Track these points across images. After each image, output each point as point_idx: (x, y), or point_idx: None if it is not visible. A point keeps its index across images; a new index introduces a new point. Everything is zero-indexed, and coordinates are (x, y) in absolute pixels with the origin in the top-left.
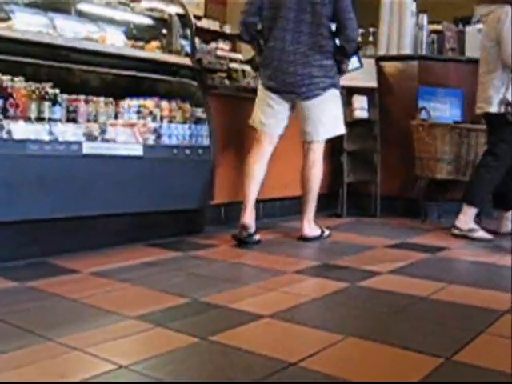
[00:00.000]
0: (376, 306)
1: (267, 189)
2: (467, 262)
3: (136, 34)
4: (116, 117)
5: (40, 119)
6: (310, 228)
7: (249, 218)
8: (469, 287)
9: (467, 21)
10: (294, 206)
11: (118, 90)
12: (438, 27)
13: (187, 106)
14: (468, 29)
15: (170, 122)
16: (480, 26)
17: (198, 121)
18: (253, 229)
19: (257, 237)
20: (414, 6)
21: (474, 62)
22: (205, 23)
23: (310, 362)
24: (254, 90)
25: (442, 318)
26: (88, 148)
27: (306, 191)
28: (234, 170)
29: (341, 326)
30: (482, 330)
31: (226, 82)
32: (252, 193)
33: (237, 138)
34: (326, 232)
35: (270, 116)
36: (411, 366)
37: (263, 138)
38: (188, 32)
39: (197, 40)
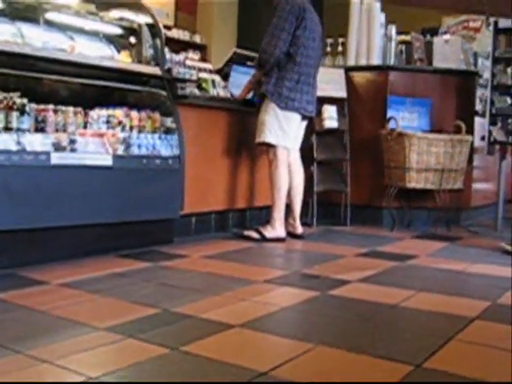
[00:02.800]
0: (346, 314)
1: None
2: (436, 270)
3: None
4: (85, 126)
5: (8, 129)
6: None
7: None
8: (438, 295)
9: (435, 31)
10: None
11: (87, 99)
12: (407, 38)
13: (157, 115)
14: (436, 39)
15: (140, 131)
16: (447, 36)
17: (167, 131)
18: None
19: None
20: (382, 17)
21: (442, 72)
22: (175, 33)
23: (280, 370)
24: (224, 100)
25: (412, 325)
26: (56, 158)
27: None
28: (203, 180)
29: (311, 334)
30: (452, 337)
31: (196, 91)
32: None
33: (207, 147)
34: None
35: None
36: (382, 373)
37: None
38: (158, 42)
39: (166, 50)
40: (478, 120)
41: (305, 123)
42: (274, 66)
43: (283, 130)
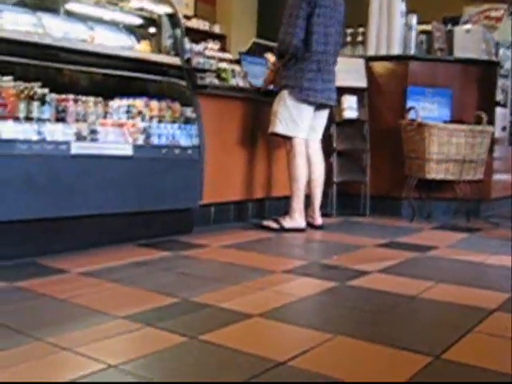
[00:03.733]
0: (365, 304)
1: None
2: (456, 261)
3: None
4: (105, 117)
5: (28, 119)
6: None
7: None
8: (457, 286)
9: (456, 21)
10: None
11: (108, 89)
12: (427, 27)
13: (177, 105)
14: (457, 29)
15: (160, 121)
16: (468, 26)
17: (187, 120)
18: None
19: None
20: (403, 6)
21: (463, 61)
22: (194, 23)
23: (299, 360)
24: (243, 90)
25: (431, 316)
26: (77, 148)
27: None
28: (222, 170)
29: (330, 324)
30: (471, 329)
31: (215, 81)
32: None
33: (226, 137)
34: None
35: None
36: (400, 364)
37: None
38: (177, 32)
39: (186, 40)
40: (499, 110)
41: (326, 113)
42: (293, 56)
43: (294, 121)
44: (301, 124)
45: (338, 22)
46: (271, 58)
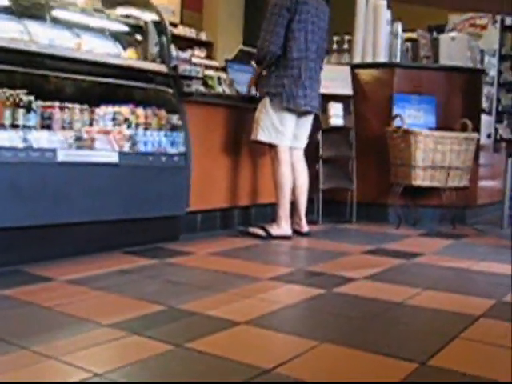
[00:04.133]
0: (351, 311)
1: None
2: (442, 268)
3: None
4: (91, 124)
5: (14, 126)
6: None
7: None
8: (443, 292)
9: (441, 29)
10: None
11: (94, 96)
12: (413, 35)
13: (163, 113)
14: (442, 37)
15: (146, 129)
16: (454, 34)
17: (173, 128)
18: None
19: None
20: (388, 15)
21: (448, 69)
22: (181, 30)
23: (285, 368)
24: (229, 97)
25: (417, 323)
26: (63, 155)
27: None
28: (209, 177)
29: (316, 332)
30: (457, 335)
31: (202, 88)
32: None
33: (212, 144)
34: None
35: None
36: (386, 371)
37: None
38: (164, 39)
39: (172, 47)
40: (484, 118)
41: (309, 120)
42: (272, 62)
43: (276, 128)
44: (283, 131)
45: (321, 28)
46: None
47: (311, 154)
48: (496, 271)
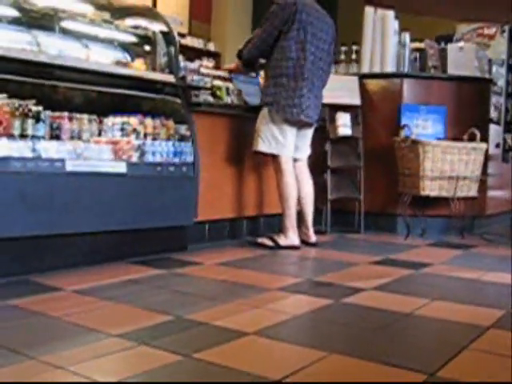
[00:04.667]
0: (360, 322)
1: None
2: (450, 278)
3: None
4: (100, 134)
5: (23, 136)
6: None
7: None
8: (452, 303)
9: (449, 39)
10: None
11: (102, 107)
12: (421, 45)
13: (171, 123)
14: (450, 47)
15: (154, 139)
16: (461, 43)
17: (181, 138)
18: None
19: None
20: (396, 25)
21: (456, 79)
22: (189, 41)
23: (293, 378)
24: (238, 107)
25: (426, 334)
26: (71, 165)
27: None
28: (217, 188)
29: (324, 342)
30: (466, 346)
31: (210, 99)
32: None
33: (220, 155)
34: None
35: None
36: (395, 382)
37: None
38: (172, 49)
39: (181, 57)
40: (492, 127)
41: (310, 132)
42: (246, 64)
43: (276, 139)
44: (284, 142)
45: (324, 41)
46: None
47: (319, 164)
48: (505, 282)
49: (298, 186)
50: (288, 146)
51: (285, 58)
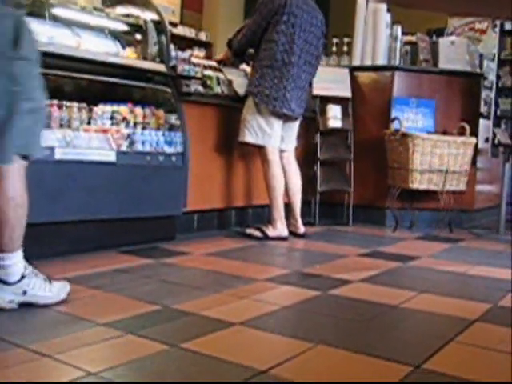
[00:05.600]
0: (347, 314)
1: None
2: (438, 272)
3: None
4: (89, 122)
5: None
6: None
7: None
8: (439, 296)
9: (441, 32)
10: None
11: (92, 95)
12: (412, 38)
13: (161, 112)
14: (441, 40)
15: (144, 128)
16: (453, 38)
17: (171, 127)
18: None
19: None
20: (388, 18)
21: (447, 73)
22: (180, 30)
23: (280, 369)
24: (228, 98)
25: (412, 326)
26: (60, 153)
27: None
28: (207, 178)
29: (311, 333)
30: (452, 339)
31: (201, 89)
32: None
33: (210, 145)
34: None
35: None
36: (381, 373)
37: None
38: (163, 39)
39: (172, 47)
40: (482, 122)
41: (296, 124)
42: (235, 53)
43: (263, 130)
44: (271, 133)
45: (314, 35)
46: (247, 68)
47: (309, 155)
48: (492, 275)
49: (286, 177)
50: (274, 136)
51: (272, 50)
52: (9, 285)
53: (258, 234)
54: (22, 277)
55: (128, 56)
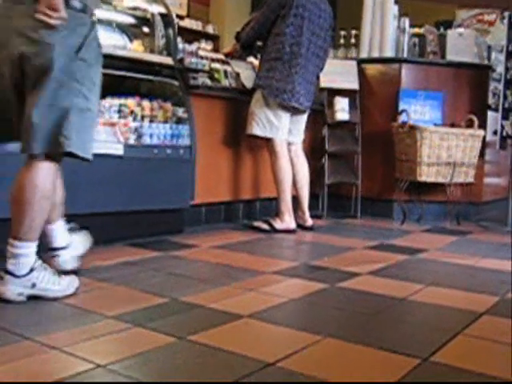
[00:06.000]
0: (355, 306)
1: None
2: (445, 264)
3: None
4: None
5: None
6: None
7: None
8: (447, 289)
9: (449, 24)
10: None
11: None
12: (420, 30)
13: (169, 105)
14: (449, 32)
15: (151, 121)
16: (461, 29)
17: (179, 120)
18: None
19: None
20: (396, 10)
21: (455, 65)
22: (187, 23)
23: (287, 362)
24: (236, 91)
25: (420, 319)
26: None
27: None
28: (214, 171)
29: (319, 326)
30: (459, 332)
31: (208, 81)
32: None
33: (217, 138)
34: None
35: None
36: (388, 366)
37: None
38: (170, 31)
39: (179, 40)
40: (490, 114)
41: (304, 117)
42: (243, 46)
43: (271, 122)
44: (278, 125)
45: (322, 28)
46: (254, 61)
47: (317, 148)
48: (500, 268)
49: (294, 169)
50: (282, 129)
51: (281, 43)
52: (17, 277)
53: (265, 226)
54: (31, 270)
55: (135, 49)
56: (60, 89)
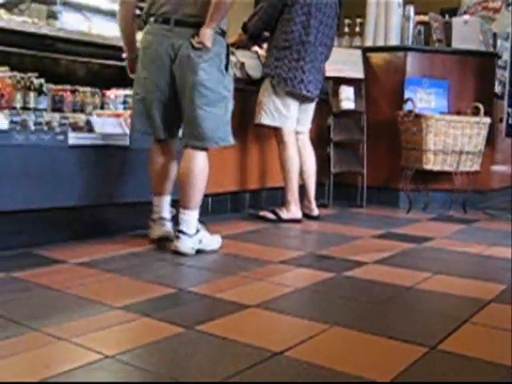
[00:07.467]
0: (361, 295)
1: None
2: (452, 253)
3: None
4: (102, 107)
5: (25, 109)
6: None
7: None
8: (454, 277)
9: (454, 12)
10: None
11: (105, 80)
12: (425, 18)
13: None
14: (455, 20)
15: None
16: (466, 17)
17: None
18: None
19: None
20: None
21: (461, 53)
22: None
23: (295, 351)
24: (241, 81)
25: (427, 307)
26: (74, 138)
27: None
28: (220, 161)
29: (326, 315)
30: (466, 320)
31: None
32: None
33: None
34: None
35: None
36: (396, 355)
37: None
38: None
39: None
40: (496, 102)
41: (312, 106)
42: (250, 37)
43: (279, 111)
44: (287, 114)
45: (328, 16)
46: (259, 50)
47: (322, 137)
48: (507, 256)
49: (301, 159)
50: (291, 118)
51: (288, 32)
52: (190, 236)
53: (271, 216)
54: (197, 230)
55: (140, 40)
56: None
